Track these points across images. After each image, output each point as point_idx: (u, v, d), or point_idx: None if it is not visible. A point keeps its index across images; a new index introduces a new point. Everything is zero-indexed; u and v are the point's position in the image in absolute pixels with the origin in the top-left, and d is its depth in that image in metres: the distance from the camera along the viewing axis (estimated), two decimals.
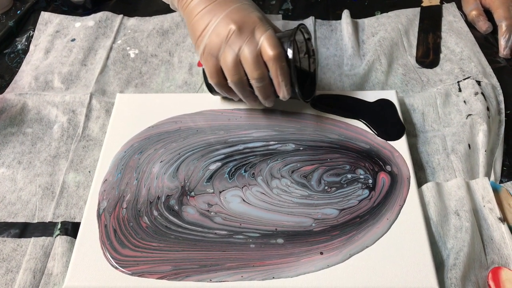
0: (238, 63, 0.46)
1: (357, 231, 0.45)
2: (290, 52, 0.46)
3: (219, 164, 0.50)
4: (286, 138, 0.52)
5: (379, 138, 0.52)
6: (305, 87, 0.53)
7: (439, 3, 0.73)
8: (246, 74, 0.47)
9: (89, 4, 0.74)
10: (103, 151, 0.52)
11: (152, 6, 0.75)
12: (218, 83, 0.49)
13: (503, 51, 0.65)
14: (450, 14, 0.72)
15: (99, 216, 0.46)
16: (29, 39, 0.70)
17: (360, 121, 0.54)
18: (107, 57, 0.66)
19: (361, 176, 0.49)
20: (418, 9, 0.73)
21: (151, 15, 0.73)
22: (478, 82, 0.59)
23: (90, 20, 0.72)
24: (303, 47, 0.54)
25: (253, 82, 0.47)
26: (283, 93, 0.47)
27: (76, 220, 0.49)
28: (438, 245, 0.45)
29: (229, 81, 0.47)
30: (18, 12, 0.73)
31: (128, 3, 0.76)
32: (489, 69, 0.62)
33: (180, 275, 0.42)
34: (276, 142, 0.52)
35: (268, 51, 0.45)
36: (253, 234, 0.45)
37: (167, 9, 0.73)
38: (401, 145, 0.51)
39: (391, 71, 0.63)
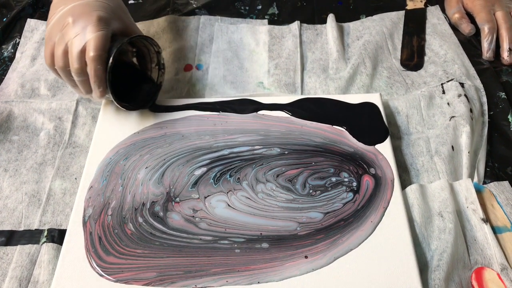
0: (65, 53, 0.49)
1: (342, 234, 0.45)
2: (110, 59, 0.49)
3: (204, 169, 0.50)
4: (271, 143, 0.53)
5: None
6: (150, 95, 0.57)
7: (423, 6, 0.74)
8: None
9: None
10: (89, 157, 0.52)
11: (139, 11, 0.75)
12: (49, 66, 0.52)
13: (486, 53, 0.65)
14: (434, 17, 0.72)
15: (84, 223, 0.46)
16: (15, 47, 0.70)
17: (344, 128, 0.54)
18: None
19: (346, 179, 0.49)
20: (402, 12, 0.73)
21: (137, 21, 0.72)
22: (462, 84, 0.59)
23: None
24: (155, 58, 0.56)
25: (73, 75, 0.50)
26: (94, 93, 0.50)
27: (62, 227, 0.49)
28: (422, 246, 0.46)
29: (56, 66, 0.51)
30: (4, 19, 0.73)
31: None
32: (472, 71, 0.63)
33: (165, 282, 0.42)
34: (262, 147, 0.52)
35: (88, 51, 0.48)
36: (238, 239, 0.45)
37: (154, 15, 0.73)
38: (385, 148, 0.52)
39: (376, 74, 0.64)
